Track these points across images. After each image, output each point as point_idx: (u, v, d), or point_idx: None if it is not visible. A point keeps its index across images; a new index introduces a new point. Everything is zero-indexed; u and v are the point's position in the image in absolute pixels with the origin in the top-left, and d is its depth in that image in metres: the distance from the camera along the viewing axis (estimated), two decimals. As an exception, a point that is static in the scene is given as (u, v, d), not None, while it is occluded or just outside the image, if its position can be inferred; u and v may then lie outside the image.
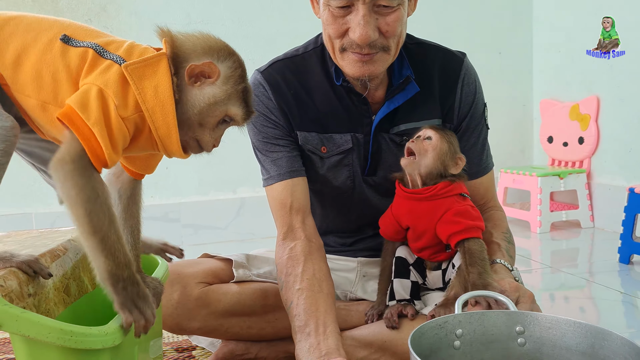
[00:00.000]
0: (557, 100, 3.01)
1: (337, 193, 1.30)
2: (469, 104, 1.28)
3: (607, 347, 0.80)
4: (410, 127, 1.23)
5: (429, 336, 0.85)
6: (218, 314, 1.23)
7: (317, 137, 1.25)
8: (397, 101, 1.22)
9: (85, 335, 0.73)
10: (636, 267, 2.13)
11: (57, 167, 0.76)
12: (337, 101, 1.24)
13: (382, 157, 1.26)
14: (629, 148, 2.61)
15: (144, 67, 0.81)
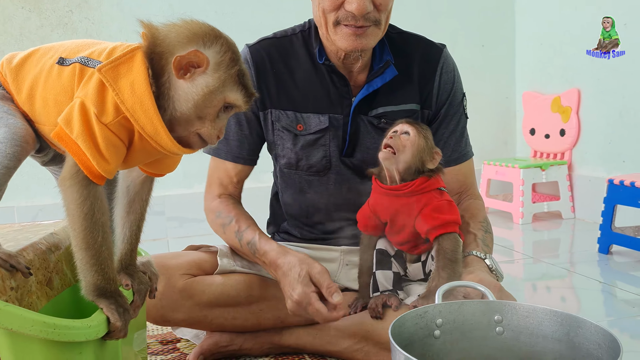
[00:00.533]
0: (539, 92, 3.04)
1: (312, 172, 1.32)
2: (448, 91, 1.32)
3: (581, 335, 0.82)
4: (389, 110, 1.27)
5: (409, 326, 0.86)
6: (202, 305, 1.24)
7: (294, 115, 1.29)
8: (376, 84, 1.26)
9: (68, 328, 0.73)
10: (615, 257, 2.17)
11: (59, 185, 0.79)
12: (319, 82, 1.28)
13: (359, 138, 1.29)
14: (609, 140, 2.65)
15: (118, 67, 0.78)
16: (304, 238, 1.42)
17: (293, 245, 1.42)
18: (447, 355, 0.89)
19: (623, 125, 2.58)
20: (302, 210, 1.39)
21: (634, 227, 2.23)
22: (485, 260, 1.17)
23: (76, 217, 0.77)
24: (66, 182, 0.78)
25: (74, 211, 0.77)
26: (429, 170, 1.17)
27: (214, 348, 1.30)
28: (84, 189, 0.78)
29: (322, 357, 1.32)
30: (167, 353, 1.38)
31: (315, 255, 1.39)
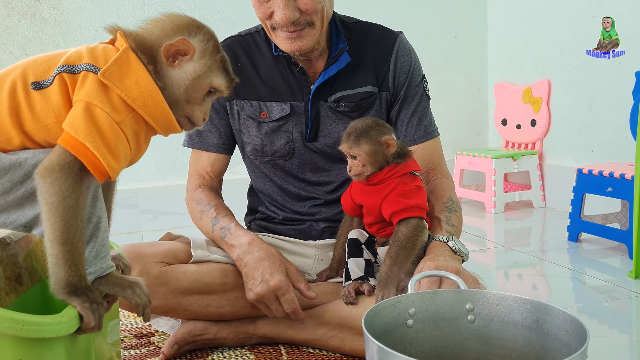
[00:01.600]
0: (510, 83, 3.08)
1: (276, 157, 1.39)
2: (406, 73, 1.37)
3: (550, 322, 0.84)
4: (346, 94, 1.34)
5: (382, 315, 0.87)
6: (177, 292, 1.25)
7: (258, 104, 1.37)
8: (332, 71, 1.33)
9: (37, 324, 0.72)
10: (584, 245, 2.22)
11: (44, 174, 0.77)
12: (279, 73, 1.36)
13: (321, 123, 1.36)
14: (578, 130, 2.70)
15: (118, 68, 0.82)
16: (280, 223, 1.43)
17: (270, 237, 1.43)
18: (420, 344, 0.91)
19: (591, 115, 2.63)
20: (274, 194, 1.44)
21: (602, 215, 2.28)
22: (448, 243, 1.19)
23: (58, 209, 0.77)
24: (55, 173, 0.77)
25: (57, 203, 0.77)
26: (395, 158, 1.19)
27: (188, 337, 1.30)
28: (75, 183, 0.77)
29: (297, 346, 1.32)
30: (141, 347, 1.37)
31: (291, 249, 1.40)
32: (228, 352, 1.32)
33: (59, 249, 0.78)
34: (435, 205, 1.31)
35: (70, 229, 0.77)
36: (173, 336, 1.30)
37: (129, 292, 0.86)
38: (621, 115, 2.41)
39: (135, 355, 1.33)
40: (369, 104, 1.36)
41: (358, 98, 1.34)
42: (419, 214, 1.18)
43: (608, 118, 2.55)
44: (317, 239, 1.41)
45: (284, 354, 1.30)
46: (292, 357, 1.28)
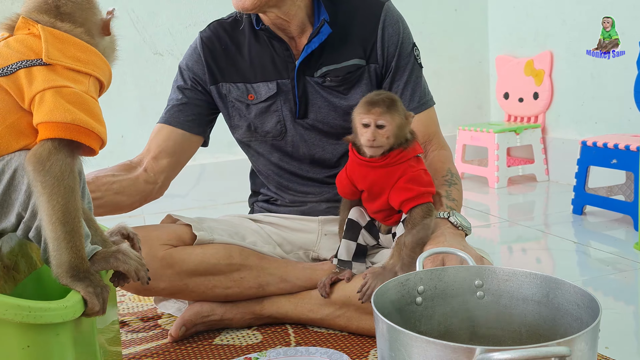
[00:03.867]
0: (512, 56, 3.04)
1: (269, 138, 1.37)
2: (395, 43, 1.34)
3: (560, 296, 0.83)
4: (332, 68, 1.32)
5: (391, 294, 0.86)
6: (183, 274, 1.24)
7: (244, 86, 1.35)
8: (314, 44, 1.29)
9: (44, 310, 0.71)
10: (589, 218, 2.21)
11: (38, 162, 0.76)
12: (262, 51, 1.34)
13: (309, 99, 1.34)
14: (582, 102, 2.68)
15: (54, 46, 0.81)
16: (283, 204, 1.43)
17: (272, 216, 1.42)
18: (429, 321, 0.90)
19: (594, 87, 2.60)
20: (273, 175, 1.42)
21: (607, 188, 2.27)
22: (450, 219, 1.18)
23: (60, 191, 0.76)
24: (46, 163, 0.76)
25: (58, 185, 0.76)
26: (405, 140, 1.16)
27: (195, 318, 1.30)
28: (67, 164, 0.77)
29: (304, 326, 1.32)
30: (148, 330, 1.37)
31: (293, 227, 1.40)
32: (235, 333, 1.32)
33: (61, 231, 0.77)
34: (434, 180, 1.28)
35: (70, 210, 0.77)
36: (180, 318, 1.29)
37: (113, 261, 0.84)
38: (625, 86, 2.38)
39: (142, 337, 1.33)
40: (357, 78, 1.33)
41: (344, 72, 1.32)
42: (429, 200, 1.16)
43: (612, 89, 2.52)
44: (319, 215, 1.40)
45: (291, 333, 1.30)
46: (299, 336, 1.28)
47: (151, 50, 2.66)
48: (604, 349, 1.17)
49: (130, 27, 2.62)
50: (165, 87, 2.69)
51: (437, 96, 1.43)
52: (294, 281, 1.30)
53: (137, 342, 1.30)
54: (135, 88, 2.66)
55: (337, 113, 1.34)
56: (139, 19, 2.63)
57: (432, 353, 0.67)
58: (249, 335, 1.30)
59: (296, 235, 1.40)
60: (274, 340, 1.27)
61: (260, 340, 1.28)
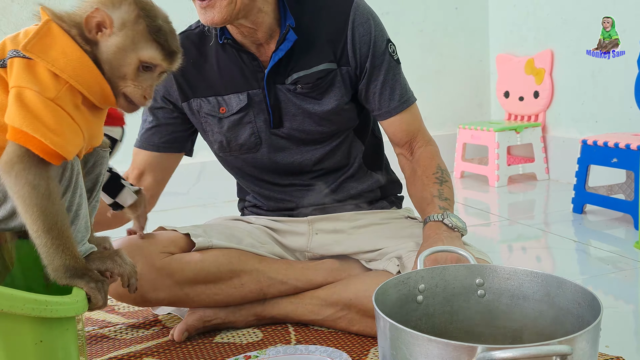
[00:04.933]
0: (512, 55, 3.04)
1: (244, 151, 1.34)
2: (367, 43, 1.27)
3: (561, 295, 0.84)
4: (302, 75, 1.27)
5: (392, 292, 0.86)
6: (183, 283, 1.23)
7: (215, 100, 1.31)
8: (281, 52, 1.25)
9: (59, 304, 0.73)
10: (589, 216, 2.21)
11: (7, 169, 0.75)
12: (231, 63, 1.29)
13: (282, 108, 1.30)
14: (582, 101, 2.68)
15: (41, 40, 0.77)
16: (270, 210, 1.42)
17: (263, 218, 1.42)
18: (430, 320, 0.90)
19: (595, 85, 2.60)
20: (254, 187, 1.41)
21: (607, 187, 2.27)
22: (444, 221, 1.16)
23: (32, 200, 0.75)
24: (15, 166, 0.74)
25: (30, 194, 0.74)
26: None
27: (198, 323, 1.29)
28: (39, 170, 0.75)
29: (305, 324, 1.32)
30: (148, 328, 1.37)
31: (284, 229, 1.39)
32: (236, 331, 1.32)
33: (47, 238, 0.76)
34: (424, 179, 1.27)
35: (51, 216, 0.76)
36: (183, 323, 1.29)
37: (109, 263, 0.84)
38: (626, 85, 2.38)
39: (143, 336, 1.33)
40: (329, 82, 1.28)
41: (314, 78, 1.26)
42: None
43: (612, 88, 2.52)
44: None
45: (291, 332, 1.30)
46: (299, 334, 1.28)
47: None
48: (604, 347, 1.17)
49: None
50: (165, 85, 2.69)
51: (437, 95, 1.43)
52: (295, 283, 1.30)
53: (137, 341, 1.30)
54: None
55: (312, 120, 1.30)
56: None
57: (433, 351, 0.67)
58: (249, 334, 1.30)
59: (288, 239, 1.38)
60: (274, 339, 1.27)
61: (261, 338, 1.28)
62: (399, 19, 2.99)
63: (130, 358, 1.21)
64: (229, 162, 1.39)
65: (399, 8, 2.98)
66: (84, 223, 0.84)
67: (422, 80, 3.09)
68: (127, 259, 0.86)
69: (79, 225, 0.83)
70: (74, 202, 0.82)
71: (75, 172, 0.82)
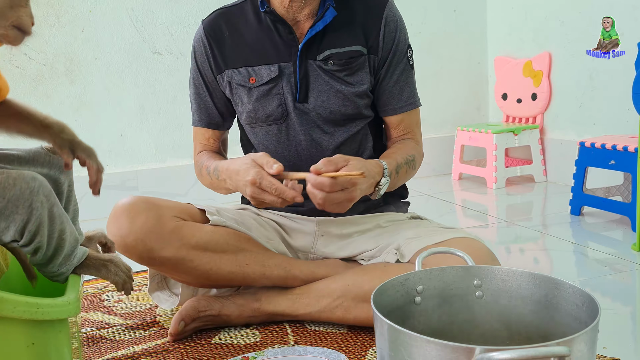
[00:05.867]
0: (510, 57, 3.05)
1: (270, 121, 1.37)
2: (391, 40, 1.36)
3: (559, 296, 0.84)
4: (335, 52, 1.32)
5: (390, 293, 0.86)
6: (190, 247, 1.25)
7: (246, 70, 1.36)
8: (318, 27, 1.31)
9: (50, 306, 0.72)
10: (586, 218, 2.21)
11: None
12: (265, 35, 1.35)
13: (310, 83, 1.34)
14: (580, 103, 2.68)
15: None
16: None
17: (271, 212, 1.43)
18: (428, 321, 0.90)
19: (593, 88, 2.61)
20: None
21: (605, 189, 2.28)
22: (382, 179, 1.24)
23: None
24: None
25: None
26: None
27: (193, 313, 1.29)
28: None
29: (302, 325, 1.32)
30: (147, 329, 1.37)
31: (290, 226, 1.40)
32: (234, 332, 1.32)
33: None
34: (399, 148, 1.35)
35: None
36: (178, 313, 1.29)
37: (104, 271, 0.85)
38: (624, 87, 2.39)
39: (141, 337, 1.33)
40: (359, 65, 1.34)
41: (347, 56, 1.33)
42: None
43: (610, 90, 2.53)
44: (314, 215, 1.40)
45: (289, 332, 1.30)
46: (298, 335, 1.28)
47: (150, 49, 2.66)
48: (602, 349, 1.18)
49: (130, 26, 2.61)
50: (164, 86, 2.70)
51: (436, 97, 1.45)
52: (297, 274, 1.31)
53: (135, 342, 1.30)
54: (134, 87, 2.66)
55: (337, 98, 1.34)
56: (138, 17, 2.62)
57: (431, 353, 0.67)
58: (248, 335, 1.30)
59: (294, 237, 1.40)
60: (272, 340, 1.27)
61: (259, 339, 1.28)
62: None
63: (128, 359, 1.21)
64: (254, 133, 1.40)
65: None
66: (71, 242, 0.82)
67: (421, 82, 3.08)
68: (121, 265, 0.86)
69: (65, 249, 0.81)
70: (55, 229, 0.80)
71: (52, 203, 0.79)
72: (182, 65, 2.67)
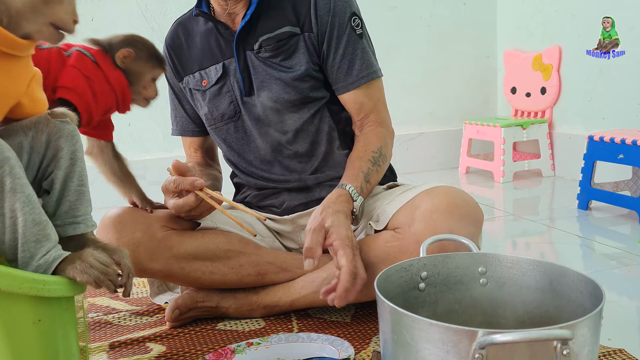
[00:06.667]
0: (520, 50, 3.03)
1: (225, 120, 1.36)
2: (327, 12, 1.27)
3: (564, 283, 0.83)
4: (266, 38, 1.29)
5: (394, 279, 0.86)
6: (180, 257, 1.24)
7: (199, 74, 1.36)
8: (247, 16, 1.28)
9: (57, 284, 0.73)
10: (594, 213, 2.20)
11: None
12: (209, 37, 1.35)
13: (252, 74, 1.31)
14: (589, 97, 2.66)
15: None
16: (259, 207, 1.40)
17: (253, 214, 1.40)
18: (431, 307, 0.90)
19: (603, 82, 2.59)
20: (239, 161, 1.40)
21: (613, 183, 2.26)
22: (354, 204, 1.15)
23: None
24: None
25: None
26: None
27: (190, 302, 1.29)
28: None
29: (307, 314, 1.32)
30: (152, 315, 1.38)
31: (273, 227, 1.38)
32: (239, 319, 1.32)
33: None
34: (362, 151, 1.25)
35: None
36: (174, 301, 1.29)
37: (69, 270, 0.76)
38: (633, 81, 2.37)
39: (146, 322, 1.33)
40: (293, 47, 1.28)
41: (276, 40, 1.27)
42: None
43: (620, 85, 2.51)
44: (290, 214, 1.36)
45: (294, 321, 1.30)
46: (302, 323, 1.28)
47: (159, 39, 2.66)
48: (606, 340, 1.17)
49: (139, 16, 2.62)
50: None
51: (444, 90, 1.39)
52: (294, 270, 1.29)
53: (140, 327, 1.31)
54: (142, 76, 2.66)
55: (278, 86, 1.28)
56: (147, 7, 2.63)
57: (434, 335, 0.67)
58: (252, 322, 1.31)
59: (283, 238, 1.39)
60: (276, 327, 1.27)
61: (263, 326, 1.28)
62: (407, 13, 2.98)
63: (132, 343, 1.22)
64: (217, 134, 1.40)
65: (406, 3, 2.97)
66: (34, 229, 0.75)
67: (429, 75, 3.09)
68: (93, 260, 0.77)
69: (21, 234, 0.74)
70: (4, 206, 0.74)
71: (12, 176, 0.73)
72: (190, 56, 2.68)
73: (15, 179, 0.73)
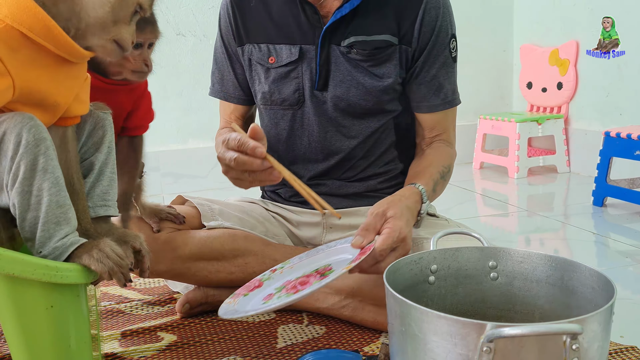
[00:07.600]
0: (537, 45, 3.00)
1: (285, 106, 1.29)
2: (431, 30, 1.23)
3: (575, 279, 0.83)
4: (360, 40, 1.22)
5: (403, 272, 0.86)
6: (185, 258, 1.23)
7: (267, 47, 1.29)
8: (345, 9, 1.20)
9: (69, 270, 0.74)
10: (609, 209, 2.18)
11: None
12: (290, 13, 1.26)
13: (331, 70, 1.25)
14: (606, 93, 2.63)
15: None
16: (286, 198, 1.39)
17: (279, 207, 1.40)
18: (441, 300, 0.90)
19: (621, 78, 2.55)
20: (283, 149, 1.34)
21: (629, 180, 2.24)
22: (422, 199, 1.14)
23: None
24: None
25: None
26: None
27: (201, 297, 1.29)
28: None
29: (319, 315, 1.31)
30: (164, 304, 1.39)
31: (298, 220, 1.37)
32: (249, 310, 1.33)
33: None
34: (433, 161, 1.25)
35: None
36: (185, 295, 1.29)
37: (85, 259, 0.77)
38: (652, 77, 2.34)
39: (158, 312, 1.34)
40: (387, 56, 1.23)
41: (372, 46, 1.22)
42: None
43: (638, 81, 2.47)
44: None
45: (304, 313, 1.31)
46: (312, 316, 1.29)
47: (174, 31, 2.68)
48: (619, 337, 1.16)
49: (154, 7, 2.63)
50: (186, 67, 2.71)
51: (460, 84, 1.35)
52: None
53: (152, 317, 1.32)
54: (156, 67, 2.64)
55: (358, 91, 1.24)
56: (162, -1, 2.64)
57: (442, 328, 0.67)
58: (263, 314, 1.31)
59: (301, 230, 1.37)
60: (286, 318, 1.28)
61: (273, 317, 1.29)
62: (422, 6, 2.96)
63: (144, 332, 1.23)
64: (268, 115, 1.33)
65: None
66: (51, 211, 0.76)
67: (444, 69, 3.06)
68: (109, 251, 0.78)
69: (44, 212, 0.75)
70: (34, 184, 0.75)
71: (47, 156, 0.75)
72: (204, 47, 2.68)
73: (48, 160, 0.75)
